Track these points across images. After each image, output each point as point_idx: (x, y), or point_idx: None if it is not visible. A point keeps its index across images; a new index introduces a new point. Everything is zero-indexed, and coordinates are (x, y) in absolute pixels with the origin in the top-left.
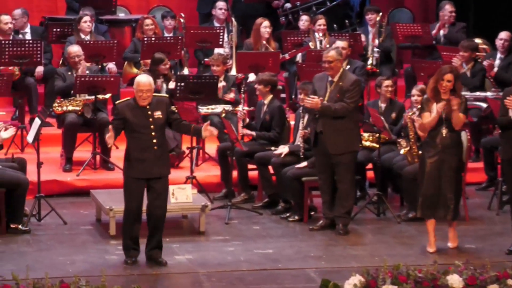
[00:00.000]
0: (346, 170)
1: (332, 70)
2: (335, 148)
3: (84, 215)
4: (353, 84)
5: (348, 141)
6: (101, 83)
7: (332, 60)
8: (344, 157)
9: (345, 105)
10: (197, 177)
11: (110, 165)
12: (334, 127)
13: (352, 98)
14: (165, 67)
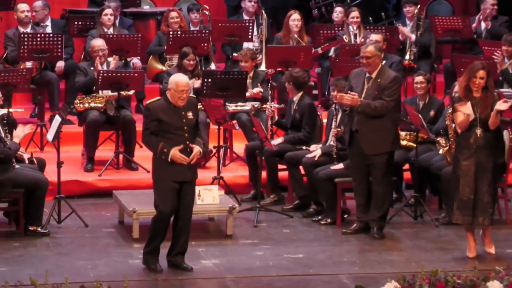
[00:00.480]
0: (382, 171)
1: (370, 66)
2: (371, 148)
3: (106, 217)
4: (392, 81)
5: (385, 141)
6: (124, 79)
7: (370, 55)
8: (380, 158)
9: (385, 103)
10: (224, 177)
11: (134, 164)
12: (371, 126)
13: (391, 96)
14: (188, 63)
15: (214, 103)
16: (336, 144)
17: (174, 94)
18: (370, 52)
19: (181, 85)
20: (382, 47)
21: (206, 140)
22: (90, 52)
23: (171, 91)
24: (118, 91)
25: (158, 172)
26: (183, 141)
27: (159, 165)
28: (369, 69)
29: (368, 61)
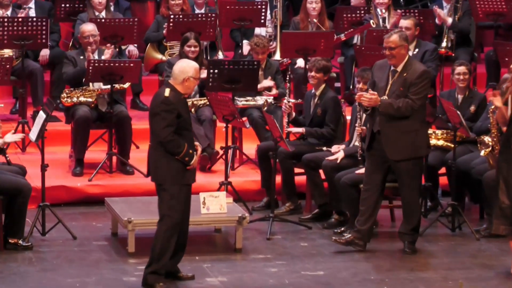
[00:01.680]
0: (410, 179)
1: (395, 58)
2: (396, 153)
3: (97, 228)
4: (420, 76)
5: (412, 145)
6: (119, 70)
7: (394, 46)
8: (407, 164)
9: (410, 102)
10: (233, 183)
11: (129, 168)
12: (396, 128)
13: (418, 93)
14: (189, 49)
15: (221, 98)
16: (361, 145)
17: (193, 83)
18: (394, 42)
19: (198, 70)
20: (415, 34)
21: (212, 139)
22: (80, 38)
23: (190, 80)
24: (112, 84)
25: (178, 177)
26: (191, 139)
27: (177, 168)
28: (393, 62)
29: (392, 52)
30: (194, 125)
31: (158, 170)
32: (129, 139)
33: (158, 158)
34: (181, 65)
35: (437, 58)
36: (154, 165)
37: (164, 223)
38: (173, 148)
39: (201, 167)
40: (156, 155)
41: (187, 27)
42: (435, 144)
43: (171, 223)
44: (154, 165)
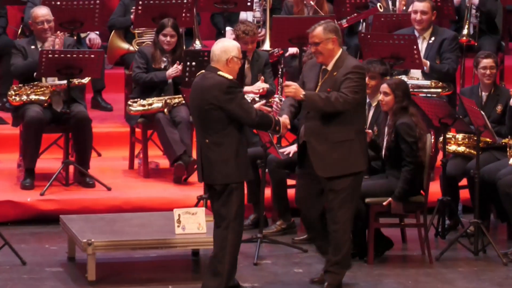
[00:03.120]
0: (341, 200)
1: (322, 55)
2: (325, 169)
3: (51, 251)
4: (351, 71)
5: (346, 159)
6: (77, 62)
7: (318, 40)
8: (339, 183)
9: (343, 96)
10: None
11: (89, 179)
12: (324, 137)
13: (350, 87)
14: (164, 39)
15: None
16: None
17: (237, 64)
18: (317, 36)
19: (240, 50)
20: (430, 18)
21: (189, 145)
22: (31, 24)
23: (234, 61)
24: (68, 79)
25: (238, 175)
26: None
27: (244, 163)
28: (321, 59)
29: (317, 48)
30: (168, 128)
31: (226, 169)
32: (89, 145)
33: (224, 155)
34: (222, 44)
35: (458, 48)
36: (218, 166)
37: (232, 230)
38: (266, 121)
39: (176, 179)
40: (220, 153)
41: (159, 11)
42: (455, 151)
43: (238, 236)
44: (219, 165)
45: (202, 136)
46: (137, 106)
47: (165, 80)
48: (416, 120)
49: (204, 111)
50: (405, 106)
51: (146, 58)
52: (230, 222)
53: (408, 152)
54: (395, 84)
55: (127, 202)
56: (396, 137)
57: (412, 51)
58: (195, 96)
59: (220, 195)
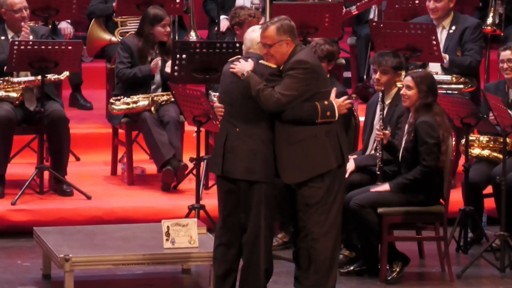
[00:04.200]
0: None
1: (274, 58)
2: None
3: (24, 268)
4: (291, 68)
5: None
6: (52, 54)
7: (271, 42)
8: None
9: (277, 95)
10: (207, 206)
11: (66, 187)
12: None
13: (285, 85)
14: (163, 30)
15: (190, 92)
16: (380, 154)
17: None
18: (270, 38)
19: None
20: (448, 5)
21: (179, 148)
22: (4, 13)
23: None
24: (43, 74)
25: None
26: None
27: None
28: (273, 62)
29: (269, 50)
30: (155, 129)
31: (255, 165)
32: (66, 148)
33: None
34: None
35: (481, 38)
36: (246, 159)
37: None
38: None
39: (164, 186)
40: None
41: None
42: (479, 155)
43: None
44: (246, 158)
45: (233, 125)
46: (121, 104)
47: (150, 75)
48: (440, 120)
49: (240, 97)
50: (429, 103)
51: (130, 51)
52: (260, 227)
53: (426, 154)
54: (420, 77)
55: (109, 212)
56: (415, 137)
57: (430, 42)
58: (230, 81)
59: (245, 196)
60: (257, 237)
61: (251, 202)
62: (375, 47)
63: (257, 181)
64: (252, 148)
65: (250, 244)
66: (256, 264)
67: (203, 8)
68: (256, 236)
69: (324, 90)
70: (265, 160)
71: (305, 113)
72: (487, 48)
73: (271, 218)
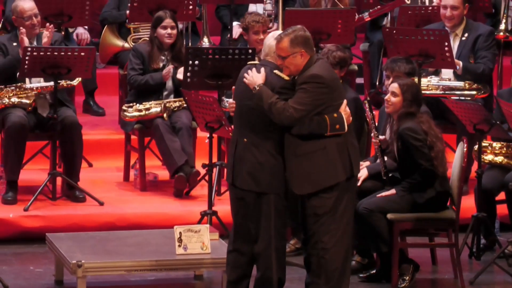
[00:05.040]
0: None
1: (289, 69)
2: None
3: (36, 274)
4: (305, 82)
5: (316, 172)
6: (65, 60)
7: (285, 55)
8: (317, 202)
9: (290, 110)
10: (219, 213)
11: (79, 193)
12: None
13: (298, 99)
14: (164, 32)
15: (203, 98)
16: (382, 161)
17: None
18: (284, 50)
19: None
20: (462, 13)
21: (192, 155)
22: (15, 20)
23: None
24: (56, 80)
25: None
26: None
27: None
28: (287, 73)
29: (284, 62)
30: (167, 135)
31: (263, 176)
32: (79, 154)
33: (263, 160)
34: (270, 41)
35: (494, 45)
36: (253, 169)
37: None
38: (318, 125)
39: (176, 192)
40: (260, 156)
41: (157, 3)
42: (492, 161)
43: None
44: (254, 169)
45: (241, 134)
46: (133, 111)
47: (162, 82)
48: (426, 127)
49: (248, 105)
50: (412, 112)
51: (142, 57)
52: (271, 242)
53: (420, 158)
54: (406, 86)
55: (122, 218)
56: (402, 144)
57: (443, 48)
58: (242, 87)
59: (252, 207)
60: (268, 248)
61: (260, 213)
62: (388, 53)
63: (264, 192)
64: (259, 160)
65: (262, 255)
66: (268, 275)
67: (216, 14)
68: (267, 247)
69: (336, 103)
70: (272, 172)
71: (314, 127)
72: (500, 54)
73: (282, 228)
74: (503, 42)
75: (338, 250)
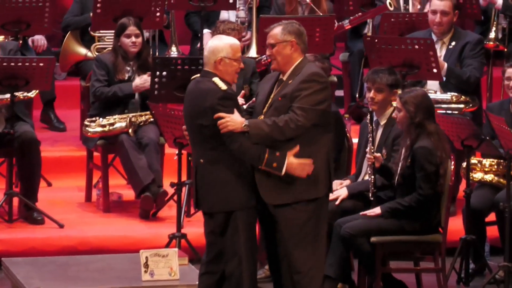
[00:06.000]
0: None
1: (276, 60)
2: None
3: None
4: (307, 80)
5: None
6: (22, 72)
7: (274, 42)
8: (291, 214)
9: (294, 119)
10: (189, 235)
11: (37, 215)
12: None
13: (303, 103)
14: (129, 41)
15: (172, 112)
16: (373, 179)
17: (230, 67)
18: (274, 37)
19: (237, 48)
20: (452, 20)
21: (159, 173)
22: None
23: (225, 63)
24: (12, 92)
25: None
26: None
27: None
28: (275, 65)
29: (272, 51)
30: (133, 152)
31: (227, 195)
32: (37, 173)
33: (224, 178)
34: (210, 43)
35: (482, 54)
36: (217, 190)
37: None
38: (253, 155)
39: (143, 213)
40: (220, 175)
41: (122, 9)
42: (481, 180)
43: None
44: (217, 189)
45: (197, 155)
46: (96, 126)
47: (132, 94)
48: (436, 141)
49: (197, 124)
50: (419, 122)
51: (106, 68)
52: (242, 257)
53: (424, 182)
54: (406, 98)
55: (84, 242)
56: (412, 162)
57: (428, 58)
58: (188, 105)
59: (223, 227)
60: (238, 266)
61: (228, 231)
62: (369, 64)
63: (232, 210)
64: (221, 178)
65: (232, 275)
66: None
67: (185, 21)
68: (238, 265)
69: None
70: (237, 188)
71: (249, 155)
72: (490, 64)
73: (252, 245)
74: (492, 52)
75: (316, 274)
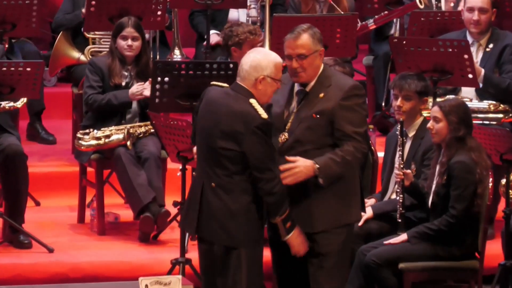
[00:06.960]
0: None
1: (306, 72)
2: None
3: None
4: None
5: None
6: (7, 78)
7: (307, 53)
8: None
9: (357, 146)
10: (193, 261)
11: (24, 238)
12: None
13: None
14: (125, 43)
15: (175, 123)
16: (401, 198)
17: (270, 87)
18: (306, 47)
19: (280, 68)
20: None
21: (160, 190)
22: None
23: (267, 82)
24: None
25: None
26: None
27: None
28: (304, 78)
29: (302, 63)
30: (131, 167)
31: (235, 228)
32: (24, 191)
33: (234, 208)
34: (253, 56)
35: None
36: (224, 220)
37: None
38: (280, 202)
39: (142, 236)
40: (230, 205)
41: (119, 8)
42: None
43: None
44: (224, 220)
45: (207, 177)
46: (90, 139)
47: (128, 102)
48: (477, 157)
49: (218, 144)
50: (462, 137)
51: (101, 73)
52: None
53: (457, 201)
54: (450, 107)
55: (76, 268)
56: (448, 179)
57: (462, 62)
58: (210, 119)
59: (223, 259)
60: None
61: (229, 269)
62: (396, 68)
63: (235, 247)
64: (231, 207)
65: None
66: None
67: (190, 22)
68: None
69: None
70: (246, 222)
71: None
72: None
73: (255, 286)
74: None
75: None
